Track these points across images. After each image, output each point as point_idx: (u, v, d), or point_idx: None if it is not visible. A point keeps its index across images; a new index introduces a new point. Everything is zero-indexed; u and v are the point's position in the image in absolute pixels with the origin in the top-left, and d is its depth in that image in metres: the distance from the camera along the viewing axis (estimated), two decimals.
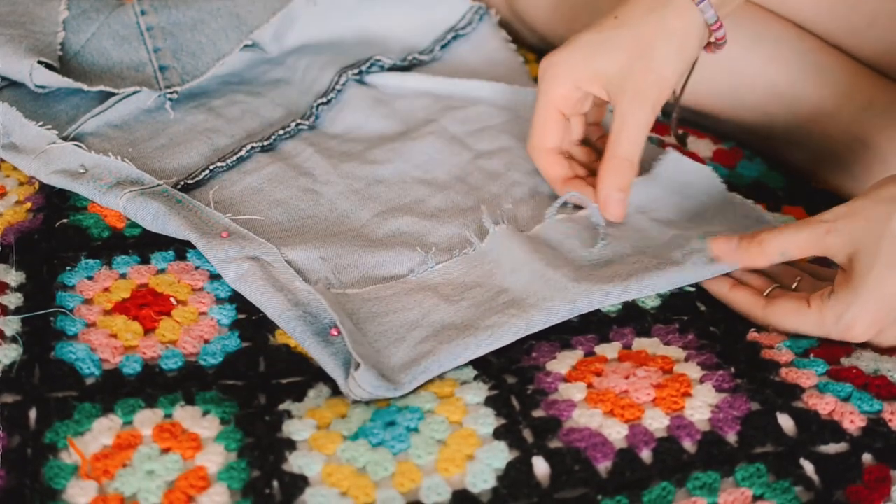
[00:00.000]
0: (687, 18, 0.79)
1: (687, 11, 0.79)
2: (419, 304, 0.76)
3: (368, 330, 0.74)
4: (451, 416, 0.69)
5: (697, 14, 0.79)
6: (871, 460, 0.67)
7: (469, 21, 1.08)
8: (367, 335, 0.74)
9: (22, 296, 0.77)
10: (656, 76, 0.79)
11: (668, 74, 0.79)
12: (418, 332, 0.74)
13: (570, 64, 0.81)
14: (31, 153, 0.88)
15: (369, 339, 0.73)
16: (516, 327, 0.74)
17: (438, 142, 0.94)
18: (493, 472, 0.66)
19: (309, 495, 0.64)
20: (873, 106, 0.90)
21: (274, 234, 0.83)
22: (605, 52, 0.80)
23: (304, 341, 0.73)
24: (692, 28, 0.79)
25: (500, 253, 0.80)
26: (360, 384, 0.69)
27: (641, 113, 0.79)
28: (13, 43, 0.93)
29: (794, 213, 0.90)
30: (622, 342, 0.75)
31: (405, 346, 0.73)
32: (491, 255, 0.81)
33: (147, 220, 0.82)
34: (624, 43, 0.80)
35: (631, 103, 0.79)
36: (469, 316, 0.75)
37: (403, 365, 0.71)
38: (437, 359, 0.71)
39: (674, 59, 0.79)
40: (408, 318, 0.75)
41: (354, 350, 0.69)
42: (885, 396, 0.71)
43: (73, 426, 0.67)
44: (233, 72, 1.01)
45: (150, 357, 0.73)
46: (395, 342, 0.73)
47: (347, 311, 0.75)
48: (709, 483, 0.65)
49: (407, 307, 0.76)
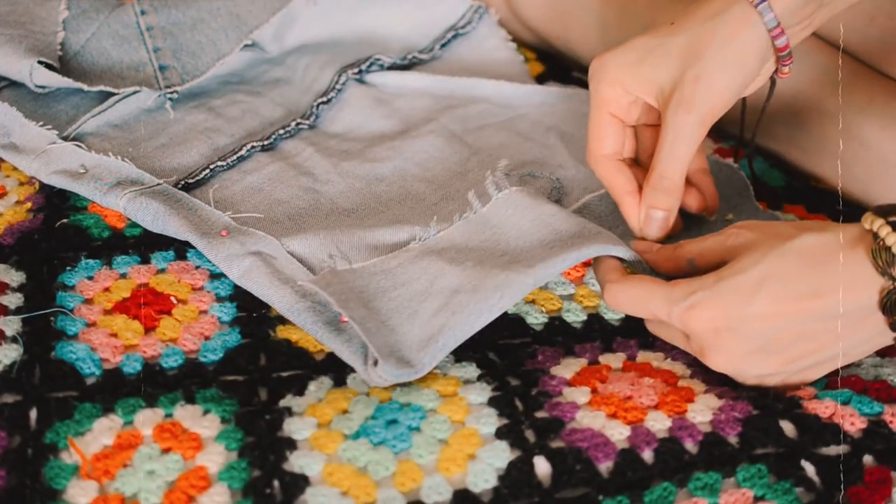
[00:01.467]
0: (746, 26, 0.73)
1: (746, 19, 0.73)
2: (425, 272, 0.75)
3: (380, 308, 0.73)
4: (454, 416, 0.69)
5: (757, 21, 0.73)
6: (872, 462, 0.67)
7: (469, 20, 1.08)
8: (380, 314, 0.73)
9: (22, 296, 0.77)
10: (706, 86, 0.74)
11: (721, 85, 0.74)
12: (430, 302, 0.73)
13: (619, 66, 0.77)
14: (31, 153, 0.88)
15: (382, 318, 0.72)
16: (524, 284, 0.72)
17: (438, 140, 0.94)
18: (494, 471, 0.66)
19: (310, 495, 0.64)
20: (873, 105, 0.90)
21: (274, 231, 0.83)
22: (655, 57, 0.76)
23: (316, 332, 0.73)
24: (751, 37, 0.74)
25: (504, 219, 0.79)
26: (380, 375, 0.69)
27: (687, 124, 0.74)
28: (13, 43, 0.93)
29: (794, 212, 0.90)
30: (626, 353, 0.75)
31: (419, 321, 0.72)
32: (493, 220, 0.79)
33: (147, 221, 0.82)
34: (676, 49, 0.75)
35: (676, 113, 0.74)
36: (475, 276, 0.74)
37: (420, 343, 0.71)
38: (453, 332, 0.71)
39: (728, 70, 0.74)
40: (417, 289, 0.75)
41: (370, 342, 0.69)
42: (886, 399, 0.71)
43: (74, 426, 0.67)
44: (233, 71, 1.01)
45: (150, 356, 0.73)
46: (408, 318, 0.73)
47: (356, 289, 0.74)
48: (710, 483, 0.65)
49: (414, 277, 0.75)
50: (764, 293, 0.66)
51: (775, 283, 0.66)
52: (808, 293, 0.66)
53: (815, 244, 0.67)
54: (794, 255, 0.67)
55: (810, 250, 0.67)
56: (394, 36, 1.06)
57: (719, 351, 0.69)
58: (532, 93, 1.00)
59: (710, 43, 0.74)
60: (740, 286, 0.67)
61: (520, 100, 1.00)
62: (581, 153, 0.93)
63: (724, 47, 0.74)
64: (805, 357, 0.69)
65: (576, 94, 1.00)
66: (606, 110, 0.78)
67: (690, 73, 0.74)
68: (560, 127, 0.96)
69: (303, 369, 0.73)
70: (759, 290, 0.66)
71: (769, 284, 0.66)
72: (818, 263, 0.66)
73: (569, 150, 0.93)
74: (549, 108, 0.99)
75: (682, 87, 0.74)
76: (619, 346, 0.76)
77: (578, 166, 0.91)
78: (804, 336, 0.67)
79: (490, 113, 0.98)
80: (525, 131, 0.96)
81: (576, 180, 0.89)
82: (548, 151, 0.93)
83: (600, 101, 0.78)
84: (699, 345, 0.70)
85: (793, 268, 0.66)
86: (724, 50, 0.74)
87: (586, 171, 0.90)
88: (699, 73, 0.74)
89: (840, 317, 0.66)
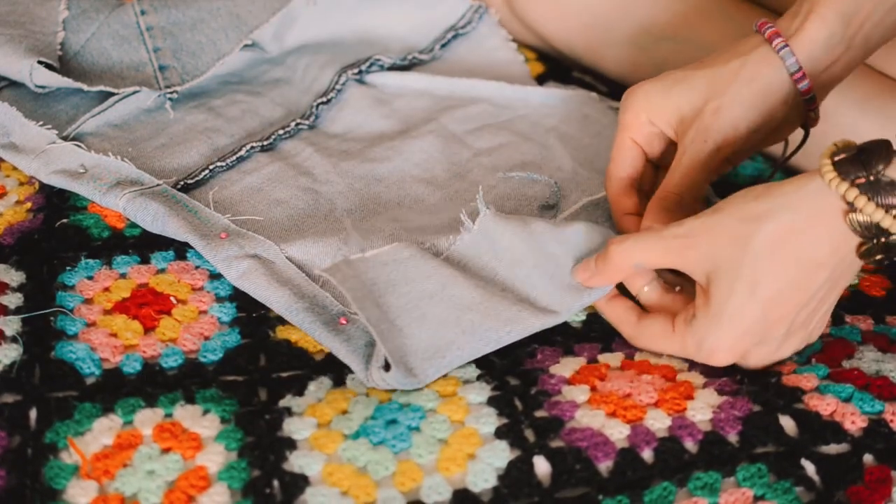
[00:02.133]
0: (768, 68, 0.76)
1: (769, 61, 0.76)
2: (436, 272, 0.75)
3: (391, 304, 0.73)
4: (453, 416, 0.69)
5: (779, 65, 0.76)
6: (873, 461, 0.67)
7: (469, 20, 1.08)
8: (390, 312, 0.72)
9: (22, 296, 0.77)
10: (723, 119, 0.77)
11: (737, 119, 0.77)
12: (439, 308, 0.73)
13: (648, 95, 0.80)
14: (30, 153, 0.88)
15: (391, 317, 0.72)
16: (532, 325, 0.74)
17: (438, 140, 0.94)
18: (494, 471, 0.66)
19: (309, 495, 0.64)
20: (870, 103, 0.90)
21: (273, 233, 0.83)
22: (682, 89, 0.78)
23: (315, 332, 0.73)
24: (773, 79, 0.76)
25: (496, 242, 0.78)
26: (384, 379, 0.69)
27: (700, 150, 0.77)
28: (13, 43, 0.93)
29: None
30: (625, 352, 0.75)
31: (427, 327, 0.72)
32: (485, 243, 0.79)
33: (147, 221, 0.82)
34: (701, 84, 0.78)
35: (693, 140, 0.77)
36: (485, 299, 0.74)
37: (427, 353, 0.71)
38: (461, 352, 0.72)
39: (746, 105, 0.76)
40: (427, 289, 0.74)
41: (384, 346, 0.69)
42: (887, 397, 0.71)
43: (74, 426, 0.67)
44: (233, 71, 1.01)
45: (150, 356, 0.73)
46: (417, 320, 0.72)
47: (367, 281, 0.73)
48: (710, 483, 0.65)
49: (424, 275, 0.75)
50: (764, 304, 0.68)
51: (767, 288, 0.68)
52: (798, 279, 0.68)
53: (776, 232, 0.67)
54: (766, 253, 0.67)
55: (776, 240, 0.67)
56: (394, 36, 1.06)
57: (753, 362, 0.72)
58: (532, 94, 1.00)
59: (733, 81, 0.77)
60: (741, 311, 0.69)
61: (520, 101, 1.00)
62: (580, 154, 0.93)
63: (745, 85, 0.77)
64: (817, 315, 0.71)
65: (576, 95, 1.00)
66: (628, 135, 0.81)
67: (711, 105, 0.77)
68: (560, 128, 0.96)
69: (302, 369, 0.73)
70: (758, 304, 0.68)
71: (763, 293, 0.68)
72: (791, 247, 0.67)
73: (568, 152, 0.93)
74: (548, 110, 0.99)
75: (702, 117, 0.77)
76: (618, 346, 0.76)
77: (577, 168, 0.91)
78: (813, 305, 0.70)
79: (489, 113, 0.98)
80: (524, 132, 0.96)
81: (574, 182, 0.89)
82: (547, 152, 0.93)
83: (624, 125, 0.81)
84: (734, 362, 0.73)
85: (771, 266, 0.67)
86: (746, 88, 0.77)
87: (584, 174, 0.90)
88: (719, 105, 0.77)
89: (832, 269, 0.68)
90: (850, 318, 0.79)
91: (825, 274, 0.68)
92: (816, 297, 0.69)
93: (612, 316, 0.76)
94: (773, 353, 0.72)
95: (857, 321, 0.79)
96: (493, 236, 0.78)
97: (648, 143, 0.81)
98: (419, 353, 0.71)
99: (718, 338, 0.70)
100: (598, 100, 1.00)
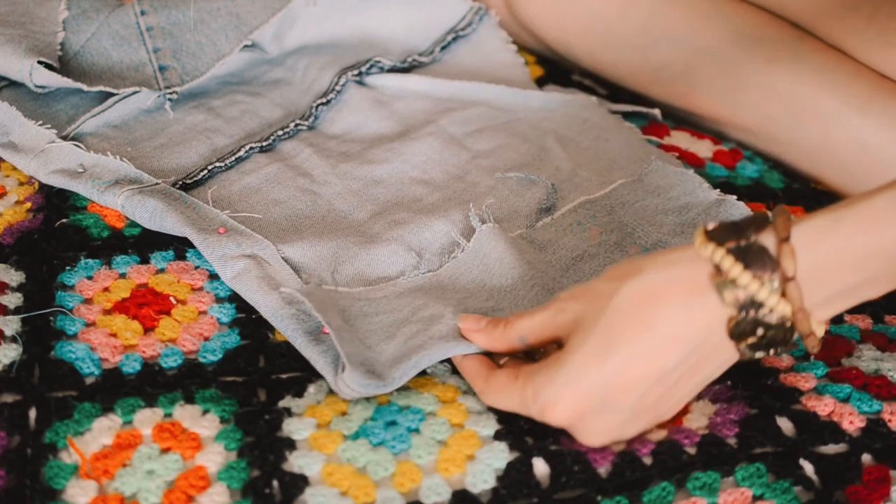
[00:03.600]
0: None
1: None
2: (409, 305, 0.76)
3: (359, 327, 0.74)
4: (453, 419, 0.69)
5: None
6: (871, 460, 0.67)
7: (469, 22, 1.08)
8: (358, 332, 0.74)
9: (22, 295, 0.77)
10: None
11: None
12: (409, 328, 0.74)
13: None
14: (30, 153, 0.88)
15: (360, 335, 0.73)
16: None
17: (437, 142, 0.94)
18: (493, 472, 0.66)
19: (309, 495, 0.64)
20: (871, 106, 0.90)
21: (271, 232, 0.83)
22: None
23: (295, 339, 0.73)
24: None
25: (488, 258, 0.80)
26: (347, 384, 0.69)
27: None
28: (13, 43, 0.93)
29: (794, 212, 0.89)
30: None
31: (395, 342, 0.73)
32: (478, 258, 0.80)
33: (145, 218, 0.82)
34: None
35: None
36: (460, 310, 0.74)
37: (394, 360, 0.71)
38: (428, 353, 0.71)
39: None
40: (397, 318, 0.75)
41: (342, 349, 0.69)
42: (885, 397, 0.71)
43: (73, 426, 0.67)
44: (232, 72, 1.01)
45: (149, 356, 0.73)
46: (385, 339, 0.73)
47: (339, 307, 0.75)
48: (709, 483, 0.65)
49: (396, 309, 0.76)
50: (610, 365, 0.63)
51: (617, 350, 0.63)
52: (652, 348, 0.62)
53: (637, 291, 0.63)
54: (622, 313, 0.63)
55: (635, 301, 0.63)
56: (394, 37, 1.06)
57: (592, 433, 0.66)
58: (531, 97, 1.00)
59: None
60: (584, 368, 0.63)
61: (519, 104, 1.00)
62: (579, 156, 0.93)
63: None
64: (672, 398, 0.66)
65: (575, 99, 1.00)
66: None
67: None
68: (559, 131, 0.96)
69: (302, 371, 0.73)
70: (604, 364, 0.63)
71: (612, 354, 0.63)
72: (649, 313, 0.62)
73: (566, 154, 0.93)
74: (548, 113, 0.99)
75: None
76: None
77: (575, 170, 0.91)
78: (668, 385, 0.64)
79: (489, 116, 0.98)
80: (524, 134, 0.96)
81: (572, 184, 0.89)
82: (545, 154, 0.93)
83: None
84: (573, 433, 0.67)
85: (626, 328, 0.63)
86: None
87: (584, 175, 0.90)
88: None
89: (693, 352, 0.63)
90: (848, 317, 0.79)
91: (682, 350, 0.62)
92: (671, 376, 0.63)
93: (467, 370, 0.71)
94: (614, 427, 0.66)
95: (855, 320, 0.79)
96: (484, 250, 0.80)
97: None
98: (387, 364, 0.71)
99: (557, 390, 0.64)
100: (597, 103, 1.00)
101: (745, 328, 0.62)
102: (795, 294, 0.61)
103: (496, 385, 0.68)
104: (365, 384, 0.69)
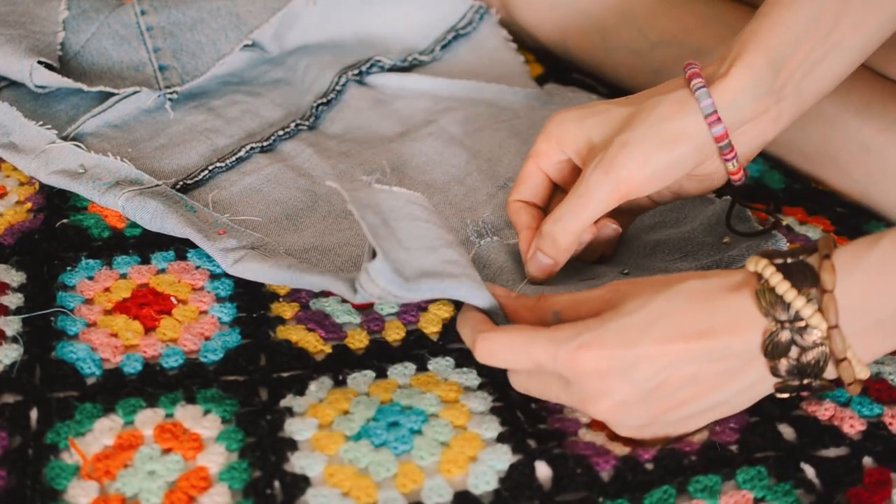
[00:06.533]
0: (683, 110, 0.74)
1: (685, 103, 0.74)
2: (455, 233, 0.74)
3: (403, 228, 0.70)
4: (456, 421, 0.69)
5: (695, 107, 0.74)
6: (872, 463, 0.68)
7: (469, 21, 1.08)
8: (400, 233, 0.70)
9: (22, 296, 0.77)
10: (629, 154, 0.73)
11: (644, 156, 0.73)
12: (450, 251, 0.71)
13: (563, 121, 0.78)
14: (30, 153, 0.88)
15: (401, 237, 0.69)
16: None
17: (437, 143, 0.94)
18: (495, 473, 0.66)
19: (310, 495, 0.64)
20: (871, 108, 0.90)
21: (271, 232, 0.83)
22: (597, 120, 0.77)
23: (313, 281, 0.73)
24: (687, 121, 0.74)
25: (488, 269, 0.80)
26: (372, 277, 0.66)
27: (599, 181, 0.74)
28: (13, 43, 0.93)
29: (794, 214, 0.90)
30: None
31: (433, 258, 0.70)
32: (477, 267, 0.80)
33: (145, 220, 0.82)
34: (617, 117, 0.76)
35: (593, 171, 0.74)
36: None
37: (425, 273, 0.68)
38: (460, 286, 0.69)
39: (655, 144, 0.73)
40: (444, 238, 0.72)
41: (377, 243, 0.66)
42: (885, 400, 0.71)
43: (75, 426, 0.67)
44: (233, 72, 1.01)
45: (150, 356, 0.73)
46: (426, 249, 0.70)
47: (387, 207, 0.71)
48: (710, 486, 0.65)
49: (446, 226, 0.74)
50: (652, 334, 0.63)
51: (663, 323, 0.64)
52: (696, 332, 0.63)
53: (702, 287, 0.65)
54: (682, 296, 0.64)
55: (697, 292, 0.64)
56: (394, 37, 1.06)
57: (603, 397, 0.65)
58: (532, 95, 1.00)
59: (647, 118, 0.74)
60: (629, 327, 0.64)
61: (519, 102, 1.00)
62: None
63: (657, 124, 0.74)
64: (688, 404, 0.65)
65: (575, 97, 1.00)
66: (535, 163, 0.79)
67: (620, 138, 0.74)
68: None
69: (303, 369, 0.73)
70: (647, 331, 0.63)
71: (657, 325, 0.63)
72: (705, 303, 0.64)
73: None
74: (548, 111, 0.99)
75: (609, 149, 0.74)
76: None
77: None
78: (692, 380, 0.64)
79: (489, 115, 0.98)
80: (524, 133, 0.96)
81: None
82: None
83: (533, 152, 0.79)
84: (582, 391, 0.65)
85: (680, 308, 0.64)
86: (657, 126, 0.74)
87: None
88: (627, 140, 0.74)
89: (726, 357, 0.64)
90: None
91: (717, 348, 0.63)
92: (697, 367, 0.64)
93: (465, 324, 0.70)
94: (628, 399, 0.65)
95: None
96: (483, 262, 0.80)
97: (558, 170, 0.79)
98: (416, 272, 0.68)
99: (599, 337, 0.64)
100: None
101: (778, 344, 0.63)
102: (832, 308, 0.62)
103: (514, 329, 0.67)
104: (391, 279, 0.66)
